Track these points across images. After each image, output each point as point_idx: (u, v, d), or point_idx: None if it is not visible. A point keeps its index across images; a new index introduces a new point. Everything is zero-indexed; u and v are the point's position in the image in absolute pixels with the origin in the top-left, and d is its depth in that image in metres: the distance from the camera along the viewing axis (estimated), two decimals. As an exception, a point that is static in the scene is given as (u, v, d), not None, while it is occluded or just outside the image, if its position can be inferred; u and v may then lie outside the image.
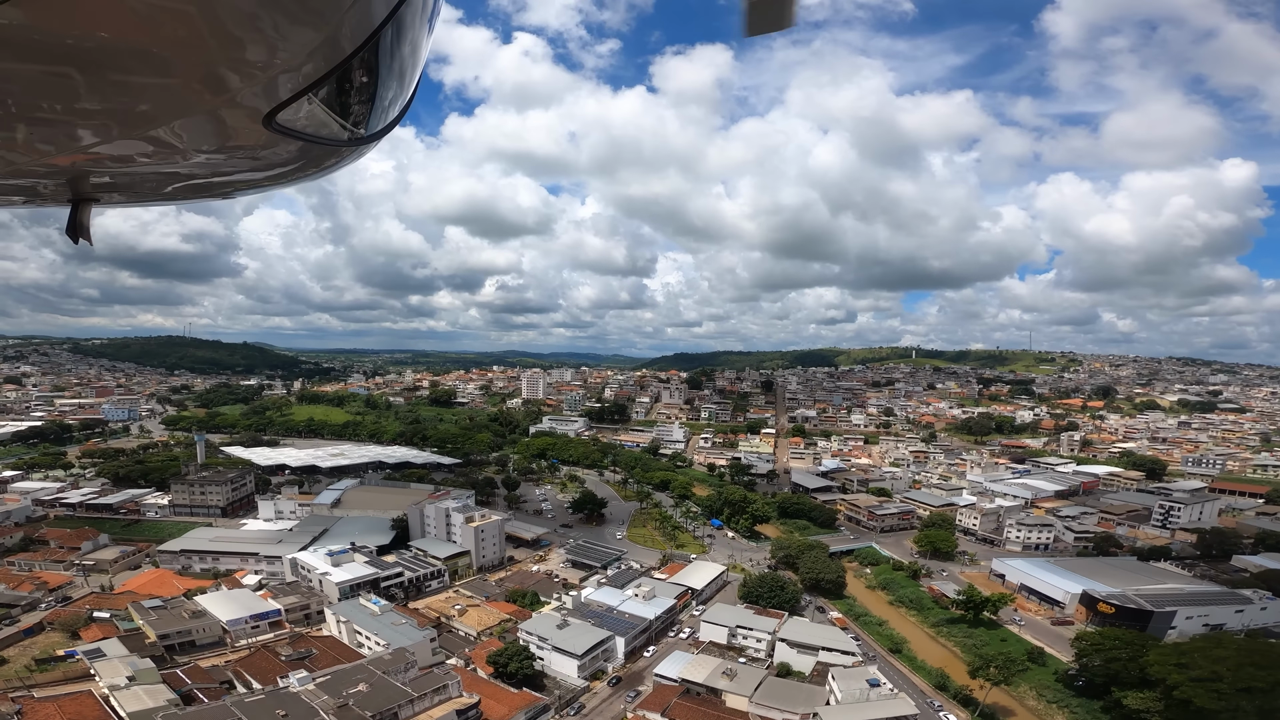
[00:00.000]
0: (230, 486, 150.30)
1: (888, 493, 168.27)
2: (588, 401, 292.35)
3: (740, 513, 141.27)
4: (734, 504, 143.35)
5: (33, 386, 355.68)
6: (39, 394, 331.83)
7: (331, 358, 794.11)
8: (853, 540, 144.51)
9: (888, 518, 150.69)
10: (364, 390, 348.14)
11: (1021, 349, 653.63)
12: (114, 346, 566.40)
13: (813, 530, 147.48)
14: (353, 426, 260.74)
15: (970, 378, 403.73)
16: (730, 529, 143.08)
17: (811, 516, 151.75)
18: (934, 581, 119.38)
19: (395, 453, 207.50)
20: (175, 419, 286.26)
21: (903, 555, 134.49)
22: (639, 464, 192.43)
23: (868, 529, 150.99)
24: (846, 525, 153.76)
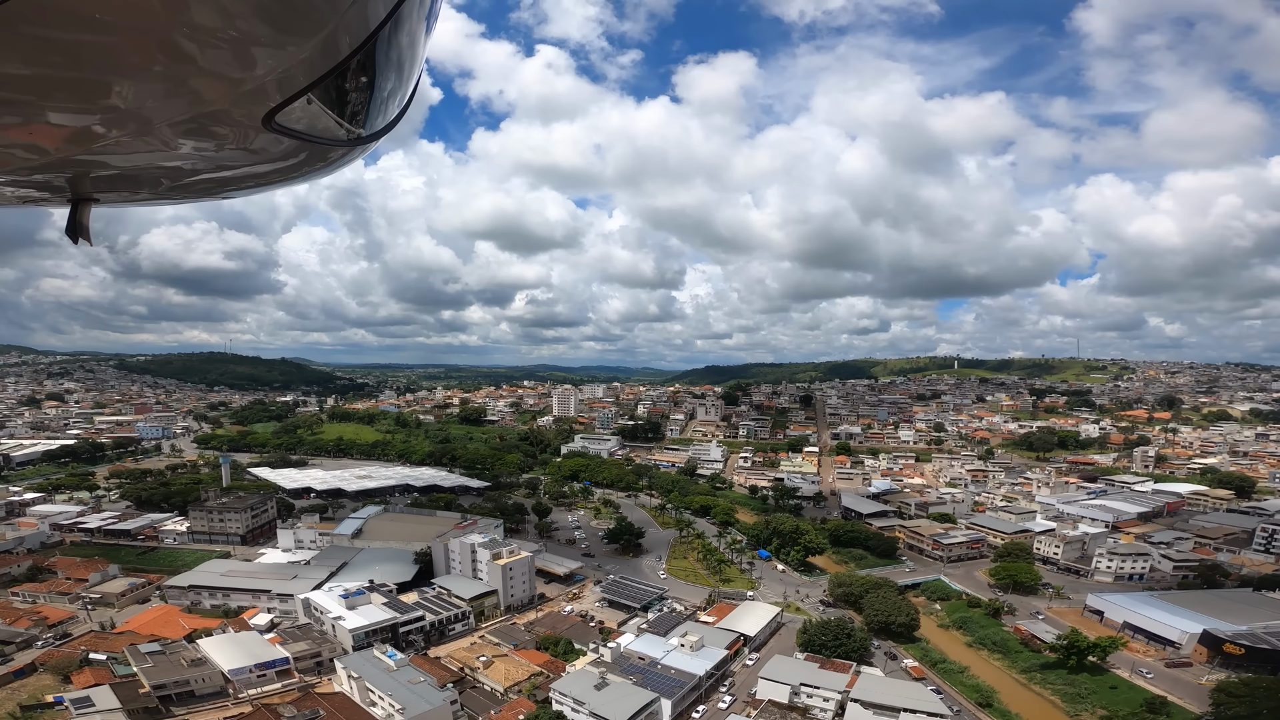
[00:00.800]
0: (250, 514, 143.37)
1: (951, 518, 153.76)
2: (620, 419, 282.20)
3: (791, 544, 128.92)
4: (784, 534, 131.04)
5: (75, 403, 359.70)
6: (79, 410, 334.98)
7: (367, 373, 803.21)
8: (917, 572, 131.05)
9: (955, 547, 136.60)
10: (394, 408, 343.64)
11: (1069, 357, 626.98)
12: (157, 363, 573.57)
13: (870, 560, 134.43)
14: (381, 446, 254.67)
15: (1021, 388, 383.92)
16: (780, 560, 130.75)
17: (868, 545, 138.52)
18: (1020, 620, 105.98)
19: (423, 474, 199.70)
20: (208, 437, 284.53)
21: (975, 589, 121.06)
22: (676, 487, 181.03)
23: (932, 559, 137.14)
24: (907, 554, 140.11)
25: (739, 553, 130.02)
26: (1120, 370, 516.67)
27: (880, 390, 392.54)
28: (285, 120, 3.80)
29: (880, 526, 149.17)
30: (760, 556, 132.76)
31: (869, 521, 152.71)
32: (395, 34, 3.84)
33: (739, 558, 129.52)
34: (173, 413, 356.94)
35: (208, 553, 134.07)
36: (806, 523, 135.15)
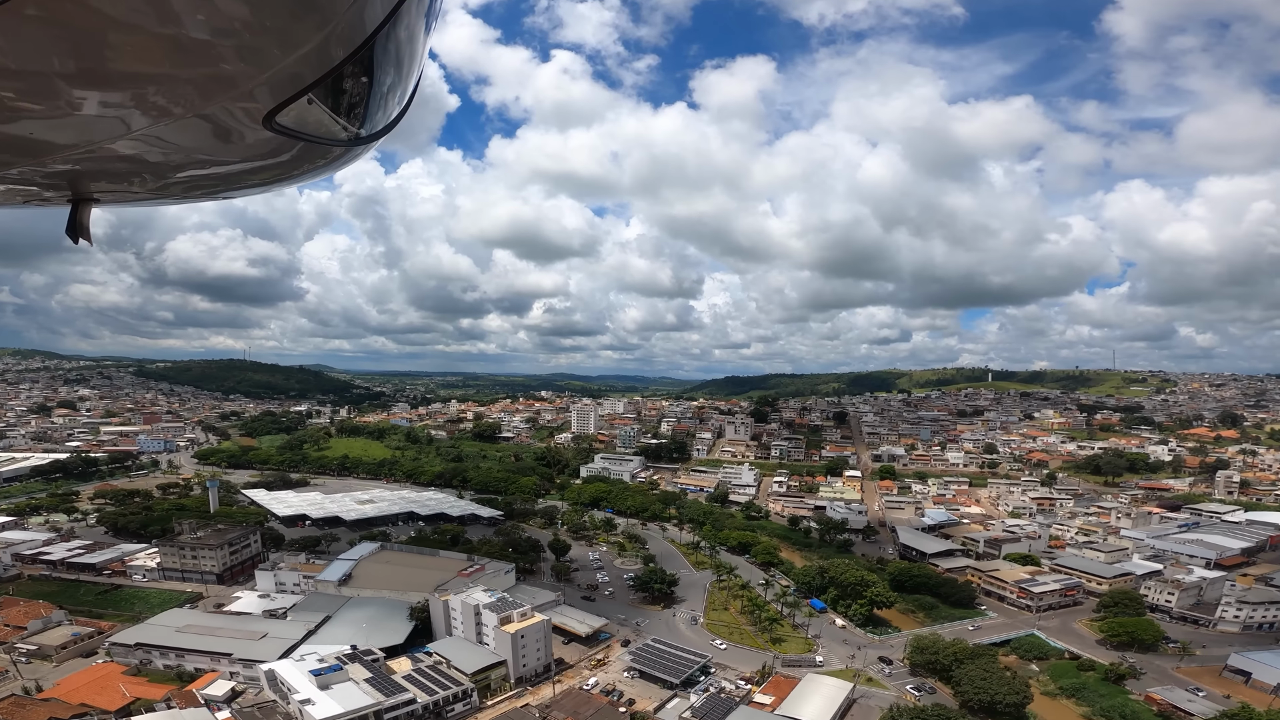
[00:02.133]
0: (228, 549, 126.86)
1: (1034, 559, 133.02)
2: (643, 437, 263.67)
3: (854, 596, 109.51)
4: (844, 586, 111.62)
5: (86, 411, 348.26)
6: (88, 420, 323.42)
7: (385, 380, 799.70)
8: (1001, 623, 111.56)
9: (1047, 595, 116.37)
10: (406, 422, 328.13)
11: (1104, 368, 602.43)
12: (176, 370, 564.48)
13: (943, 611, 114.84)
14: (389, 465, 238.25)
15: (1067, 404, 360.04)
16: (839, 614, 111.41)
17: (938, 591, 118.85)
18: (1153, 688, 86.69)
19: (430, 500, 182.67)
20: (208, 452, 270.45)
21: (1079, 645, 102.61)
22: (709, 518, 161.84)
23: (1017, 608, 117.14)
24: (984, 601, 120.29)
25: (789, 602, 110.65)
26: (1161, 383, 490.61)
27: (916, 405, 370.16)
28: (285, 120, 3.81)
29: (949, 569, 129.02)
30: (814, 607, 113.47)
31: (934, 562, 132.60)
32: (395, 34, 3.85)
33: (789, 607, 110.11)
34: (183, 422, 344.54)
35: (176, 594, 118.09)
36: (871, 573, 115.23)
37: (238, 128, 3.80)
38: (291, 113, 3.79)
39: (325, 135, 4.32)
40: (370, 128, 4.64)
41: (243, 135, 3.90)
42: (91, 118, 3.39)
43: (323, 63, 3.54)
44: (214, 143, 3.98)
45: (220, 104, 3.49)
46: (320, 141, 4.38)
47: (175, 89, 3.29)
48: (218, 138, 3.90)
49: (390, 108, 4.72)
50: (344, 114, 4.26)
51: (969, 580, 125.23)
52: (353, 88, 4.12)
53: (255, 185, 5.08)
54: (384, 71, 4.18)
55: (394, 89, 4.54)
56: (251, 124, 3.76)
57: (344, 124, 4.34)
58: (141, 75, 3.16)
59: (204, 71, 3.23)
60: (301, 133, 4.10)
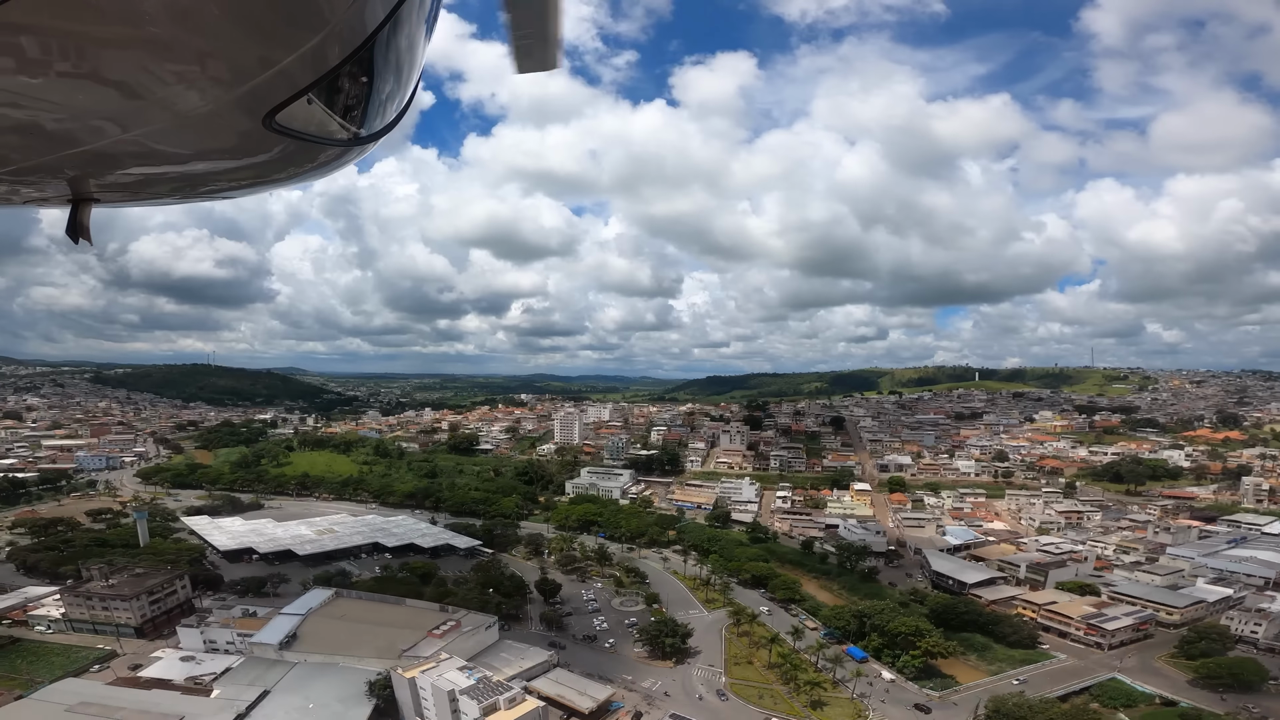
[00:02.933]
0: (148, 598, 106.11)
1: (1093, 588, 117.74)
2: (632, 447, 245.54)
3: (905, 646, 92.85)
4: (889, 633, 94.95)
5: (33, 422, 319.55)
6: (30, 432, 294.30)
7: (360, 383, 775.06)
8: (1072, 666, 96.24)
9: (1120, 630, 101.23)
10: (376, 433, 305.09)
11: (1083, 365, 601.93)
12: (135, 375, 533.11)
13: (999, 652, 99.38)
14: (354, 484, 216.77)
15: (1064, 405, 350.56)
16: (884, 664, 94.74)
17: (989, 629, 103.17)
18: None
19: (398, 527, 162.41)
20: (152, 471, 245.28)
21: (1167, 686, 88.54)
22: (715, 545, 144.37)
23: (1083, 645, 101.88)
24: (1042, 637, 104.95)
25: (829, 659, 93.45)
26: (1143, 380, 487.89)
27: (910, 408, 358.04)
28: (285, 120, 3.83)
29: (994, 601, 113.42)
30: (853, 657, 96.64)
31: (976, 593, 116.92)
32: (395, 35, 3.89)
33: (828, 663, 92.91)
34: (134, 434, 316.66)
35: (85, 651, 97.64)
36: (920, 618, 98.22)
37: (237, 128, 3.79)
38: (291, 113, 3.78)
39: (325, 135, 4.29)
40: (370, 128, 4.61)
41: (242, 135, 3.90)
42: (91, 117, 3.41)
43: (322, 63, 3.54)
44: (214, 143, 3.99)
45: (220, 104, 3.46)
46: (320, 141, 4.35)
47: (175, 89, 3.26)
48: (217, 138, 3.92)
49: (389, 109, 4.68)
50: (344, 114, 4.22)
51: (1019, 613, 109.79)
52: (352, 88, 4.10)
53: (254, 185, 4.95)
54: (384, 72, 4.16)
55: (393, 90, 4.50)
56: (251, 124, 3.74)
57: (344, 124, 4.31)
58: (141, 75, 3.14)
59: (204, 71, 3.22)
60: (301, 133, 4.07)
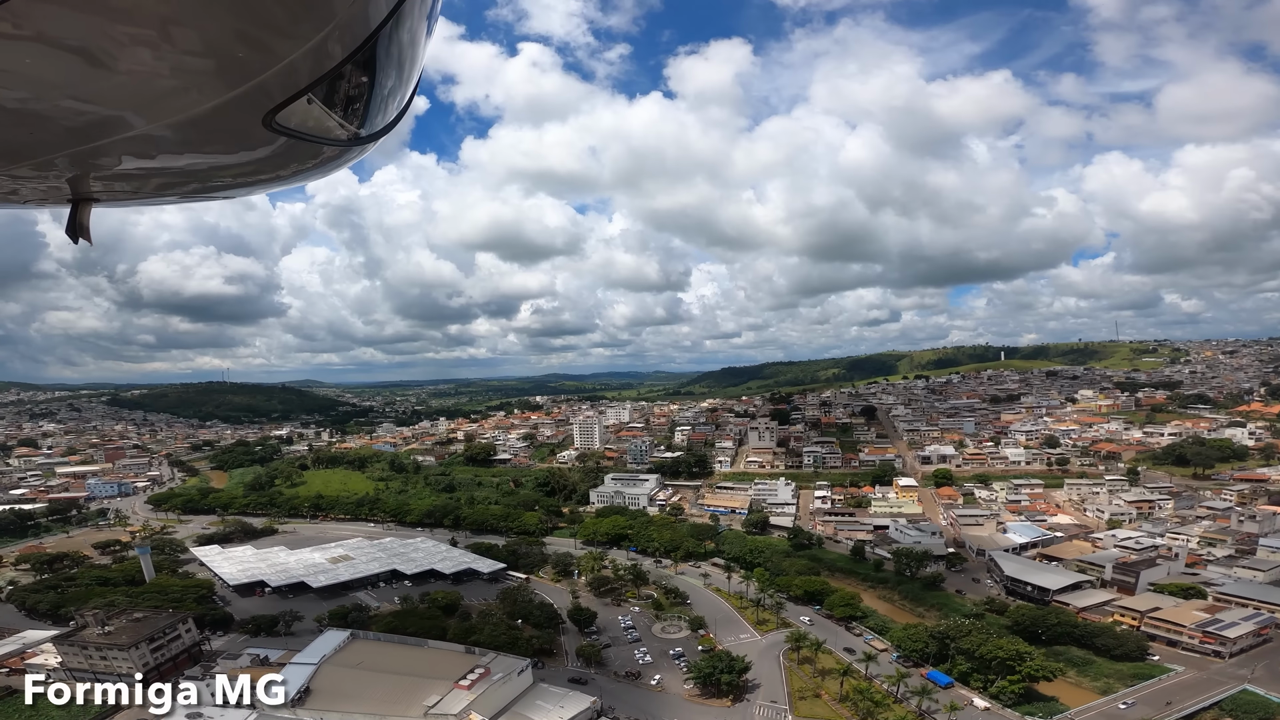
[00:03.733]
0: (149, 646, 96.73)
1: (1198, 590, 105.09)
2: (656, 450, 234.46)
3: (1003, 670, 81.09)
4: (980, 658, 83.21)
5: (48, 449, 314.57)
6: (45, 460, 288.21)
7: (375, 393, 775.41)
8: (1193, 678, 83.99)
9: (1241, 637, 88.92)
10: (390, 446, 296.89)
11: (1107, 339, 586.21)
12: (152, 396, 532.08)
13: (1103, 666, 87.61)
14: (370, 503, 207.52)
15: (1103, 382, 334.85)
16: (974, 690, 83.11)
17: (1088, 641, 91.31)
18: None
19: (416, 551, 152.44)
20: (164, 497, 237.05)
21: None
22: (760, 557, 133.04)
23: (1199, 654, 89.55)
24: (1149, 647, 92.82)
25: (914, 690, 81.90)
26: (1172, 352, 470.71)
27: (941, 392, 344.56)
28: (285, 120, 3.81)
29: (1084, 608, 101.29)
30: (935, 682, 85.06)
31: (1061, 600, 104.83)
32: (395, 34, 3.86)
33: (913, 695, 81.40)
34: (149, 457, 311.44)
35: (82, 709, 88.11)
36: (1021, 640, 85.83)
37: (237, 127, 3.77)
38: (291, 112, 3.76)
39: (325, 135, 4.26)
40: (370, 128, 4.57)
41: (242, 135, 3.88)
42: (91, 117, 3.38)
43: (323, 62, 3.52)
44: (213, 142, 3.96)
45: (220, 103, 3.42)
46: (320, 141, 4.31)
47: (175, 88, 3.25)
48: (217, 137, 3.89)
49: (390, 108, 4.63)
50: (344, 114, 4.19)
51: (1116, 621, 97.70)
52: (353, 87, 4.05)
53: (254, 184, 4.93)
54: (384, 71, 4.12)
55: (394, 89, 4.45)
56: (251, 123, 3.71)
57: (344, 124, 4.27)
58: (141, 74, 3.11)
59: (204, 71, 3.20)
60: (301, 132, 4.04)
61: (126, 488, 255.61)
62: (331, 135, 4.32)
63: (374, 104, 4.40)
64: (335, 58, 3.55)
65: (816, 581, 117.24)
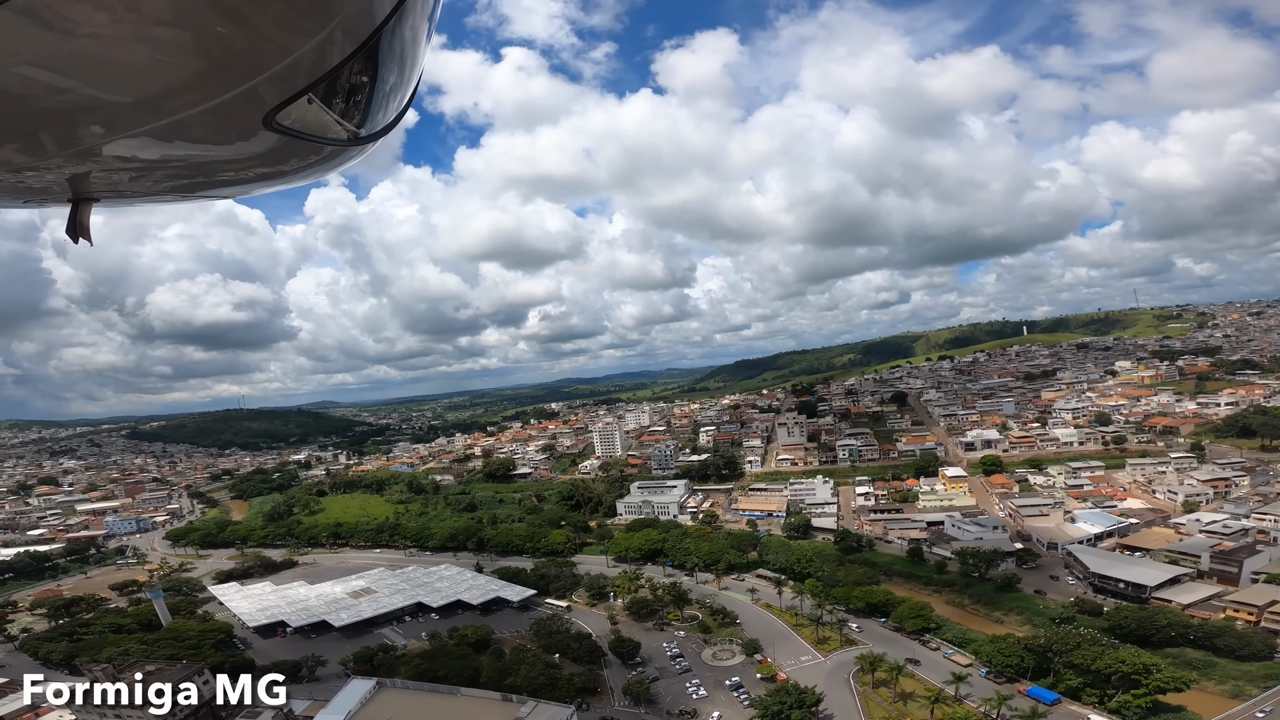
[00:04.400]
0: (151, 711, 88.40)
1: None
2: (681, 453, 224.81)
3: (1124, 684, 70.92)
4: (1100, 674, 73.06)
5: (69, 486, 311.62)
6: (65, 498, 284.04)
7: (391, 410, 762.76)
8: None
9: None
10: (408, 467, 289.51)
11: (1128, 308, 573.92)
12: (170, 427, 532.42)
13: (1226, 668, 77.76)
14: (390, 530, 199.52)
15: (1138, 352, 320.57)
16: (1089, 706, 72.96)
17: (1202, 641, 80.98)
18: None
19: (441, 581, 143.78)
20: (182, 532, 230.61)
21: None
22: (809, 565, 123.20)
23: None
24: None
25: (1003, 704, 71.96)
26: (1198, 317, 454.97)
27: (968, 372, 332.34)
28: (286, 120, 3.79)
29: (1189, 604, 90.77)
30: (1039, 699, 74.94)
31: (1161, 597, 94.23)
32: (397, 33, 3.84)
33: (1009, 710, 71.38)
34: (169, 489, 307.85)
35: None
36: (1143, 651, 75.57)
37: (238, 127, 3.75)
38: (292, 112, 3.73)
39: (325, 135, 4.24)
40: (370, 127, 4.53)
41: (243, 134, 3.85)
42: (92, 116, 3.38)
43: (324, 62, 3.50)
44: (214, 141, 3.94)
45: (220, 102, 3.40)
46: (320, 141, 4.29)
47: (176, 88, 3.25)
48: (217, 137, 3.87)
49: (390, 108, 4.59)
50: (344, 113, 4.17)
51: (1230, 617, 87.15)
52: (353, 87, 4.02)
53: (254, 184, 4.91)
54: (385, 71, 4.09)
55: (394, 89, 4.41)
56: (252, 123, 3.69)
57: (344, 123, 4.25)
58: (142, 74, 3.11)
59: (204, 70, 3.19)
60: (302, 132, 4.01)
61: (145, 523, 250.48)
62: (332, 134, 4.24)
63: (374, 103, 4.26)
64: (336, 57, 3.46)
65: (879, 592, 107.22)
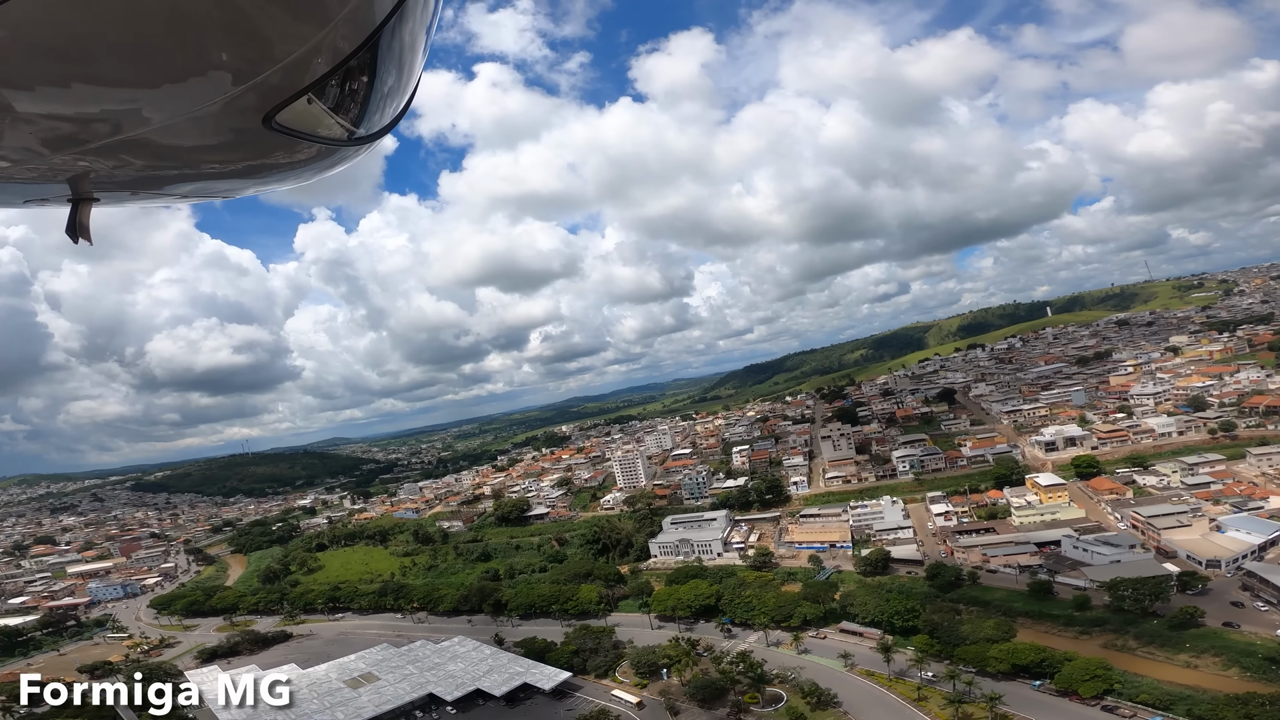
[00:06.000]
0: None
1: None
2: (715, 480, 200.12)
3: None
4: None
5: (66, 544, 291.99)
6: (58, 559, 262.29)
7: (401, 443, 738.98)
8: None
9: None
10: (413, 513, 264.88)
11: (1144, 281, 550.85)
12: (175, 477, 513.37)
13: None
14: (394, 591, 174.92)
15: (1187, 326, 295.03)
16: None
17: None
18: None
19: (456, 660, 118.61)
20: (168, 600, 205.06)
21: None
22: (914, 615, 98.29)
23: None
24: None
25: None
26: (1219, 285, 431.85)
27: (1010, 360, 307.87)
28: (285, 120, 3.78)
29: None
30: None
31: None
32: (396, 35, 3.82)
33: None
34: (167, 545, 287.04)
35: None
36: None
37: (237, 127, 3.74)
38: (291, 112, 3.72)
39: (324, 135, 4.21)
40: (369, 128, 4.49)
41: (242, 134, 3.83)
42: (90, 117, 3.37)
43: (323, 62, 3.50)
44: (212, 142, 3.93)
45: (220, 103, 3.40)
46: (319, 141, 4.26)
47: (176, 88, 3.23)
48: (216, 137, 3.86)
49: (390, 108, 4.57)
50: (343, 114, 4.14)
51: None
52: (353, 88, 4.01)
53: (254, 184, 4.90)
54: (384, 72, 4.07)
55: (394, 89, 4.39)
56: (251, 123, 3.68)
57: (343, 124, 4.22)
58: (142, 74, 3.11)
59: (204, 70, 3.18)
60: (301, 132, 3.98)
61: (133, 587, 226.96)
62: (331, 135, 4.22)
63: (374, 104, 4.27)
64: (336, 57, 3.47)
65: (1027, 648, 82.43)
